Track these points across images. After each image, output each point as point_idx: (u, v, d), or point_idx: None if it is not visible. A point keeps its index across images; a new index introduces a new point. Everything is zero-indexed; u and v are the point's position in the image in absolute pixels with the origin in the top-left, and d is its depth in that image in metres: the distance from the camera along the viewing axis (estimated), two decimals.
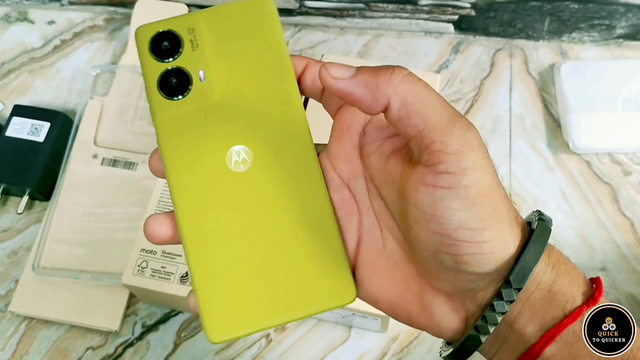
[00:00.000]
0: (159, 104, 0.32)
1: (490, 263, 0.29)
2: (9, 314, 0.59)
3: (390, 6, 0.70)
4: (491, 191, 0.28)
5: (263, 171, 0.32)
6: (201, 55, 0.33)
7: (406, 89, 0.28)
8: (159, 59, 0.33)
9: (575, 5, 0.67)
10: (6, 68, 0.73)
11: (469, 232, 0.28)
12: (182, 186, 0.32)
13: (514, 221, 0.30)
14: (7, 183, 0.63)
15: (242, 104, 0.33)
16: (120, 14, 0.76)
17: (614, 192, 0.65)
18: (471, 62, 0.72)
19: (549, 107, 0.69)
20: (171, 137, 0.32)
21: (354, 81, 0.29)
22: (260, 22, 0.34)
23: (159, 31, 0.33)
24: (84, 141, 0.65)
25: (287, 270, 0.32)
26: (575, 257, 0.61)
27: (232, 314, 0.31)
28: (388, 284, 0.32)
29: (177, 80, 0.33)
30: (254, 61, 0.33)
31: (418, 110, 0.28)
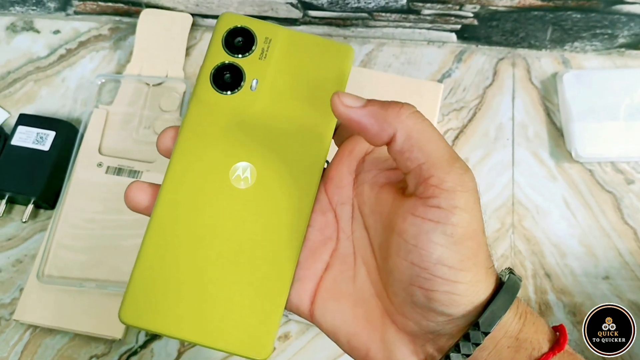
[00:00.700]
0: (203, 88, 0.33)
1: (460, 305, 0.29)
2: (13, 323, 0.60)
3: (394, 16, 0.71)
4: (475, 236, 0.29)
5: (256, 196, 0.32)
6: (264, 66, 0.34)
7: (412, 124, 0.29)
8: (227, 50, 0.34)
9: (577, 15, 0.67)
10: (12, 77, 0.73)
11: (447, 270, 0.29)
12: (179, 171, 0.32)
13: (489, 270, 0.30)
14: (12, 192, 0.64)
15: (274, 126, 0.33)
16: (125, 24, 0.77)
17: (617, 201, 0.65)
18: (474, 71, 0.72)
19: (551, 116, 0.69)
20: (196, 122, 0.33)
21: (364, 111, 0.30)
22: (334, 64, 0.34)
23: (239, 26, 0.34)
24: (88, 150, 0.65)
25: (222, 297, 0.32)
26: (578, 265, 0.62)
27: (151, 308, 0.31)
28: (350, 316, 0.32)
29: (231, 76, 0.33)
30: (307, 94, 0.34)
31: (421, 145, 0.29)
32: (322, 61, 0.34)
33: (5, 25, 0.77)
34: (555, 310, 0.60)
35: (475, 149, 0.68)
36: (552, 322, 0.58)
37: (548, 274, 0.62)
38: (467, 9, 0.68)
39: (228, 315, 0.32)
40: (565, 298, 0.60)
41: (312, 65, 0.34)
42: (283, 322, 0.59)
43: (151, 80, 0.69)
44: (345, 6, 0.70)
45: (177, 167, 0.32)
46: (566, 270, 0.62)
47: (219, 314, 0.32)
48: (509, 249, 0.63)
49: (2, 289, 0.62)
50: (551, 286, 0.61)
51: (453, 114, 0.69)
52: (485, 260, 0.30)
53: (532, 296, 0.61)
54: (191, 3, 0.72)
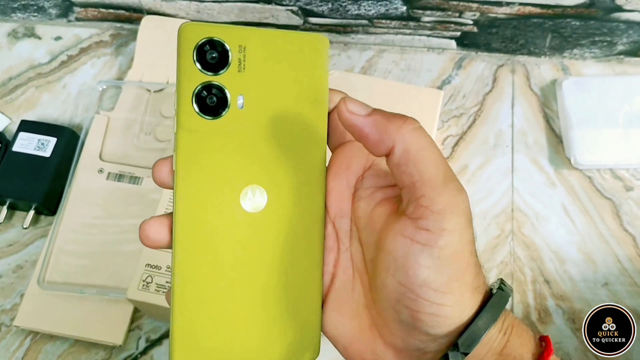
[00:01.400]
0: (188, 116, 0.30)
1: (443, 327, 0.29)
2: (14, 328, 0.60)
3: (394, 22, 0.71)
4: (463, 258, 0.29)
5: (274, 217, 0.32)
6: (245, 79, 0.31)
7: (413, 139, 0.29)
8: (202, 68, 0.31)
9: (576, 22, 0.67)
10: (13, 83, 0.74)
11: (432, 292, 0.29)
12: (188, 208, 0.31)
13: (477, 290, 0.30)
14: (13, 198, 0.64)
15: (272, 142, 0.32)
16: (126, 30, 0.77)
17: (616, 208, 0.65)
18: (473, 78, 0.73)
19: (550, 123, 0.69)
20: (191, 154, 0.31)
21: (368, 119, 0.30)
22: (311, 59, 0.32)
23: (209, 38, 0.30)
24: (89, 156, 0.65)
25: (262, 321, 0.32)
26: (578, 271, 0.62)
27: (201, 348, 0.31)
28: (348, 328, 0.33)
29: (215, 98, 0.31)
30: (293, 97, 0.32)
31: (417, 162, 0.29)
32: (300, 58, 0.32)
33: (7, 32, 0.77)
34: (555, 316, 0.60)
35: (474, 156, 0.68)
36: (552, 330, 0.59)
37: (547, 280, 0.62)
38: (466, 16, 0.69)
39: (272, 335, 0.32)
40: (564, 304, 0.61)
41: (291, 65, 0.32)
42: None
43: (152, 87, 0.69)
44: (346, 13, 0.70)
45: (185, 205, 0.31)
46: (565, 276, 0.62)
47: (267, 333, 0.32)
48: (509, 255, 0.63)
49: (2, 294, 0.62)
50: (550, 292, 0.61)
51: (453, 120, 0.70)
52: (472, 280, 0.30)
53: (531, 303, 0.61)
54: (192, 10, 0.73)
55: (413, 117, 0.30)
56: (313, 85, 0.32)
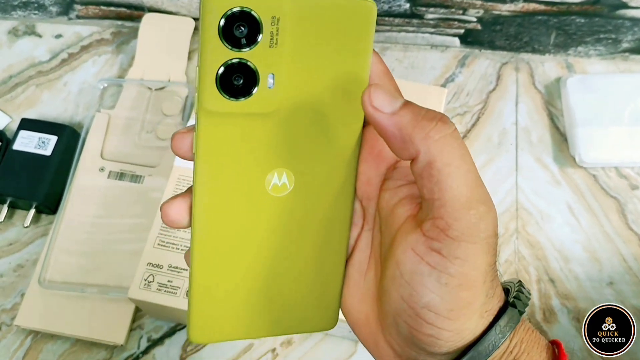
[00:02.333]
0: (210, 97, 0.27)
1: (442, 348, 0.28)
2: (14, 328, 0.59)
3: (397, 20, 0.70)
4: (473, 288, 0.27)
5: (299, 202, 0.30)
6: (277, 56, 0.27)
7: (440, 149, 0.26)
8: (227, 44, 0.27)
9: (581, 20, 0.67)
10: (14, 81, 0.73)
11: (433, 316, 0.27)
12: (209, 191, 0.29)
13: (484, 314, 0.28)
14: (14, 197, 0.63)
15: (302, 125, 0.29)
16: (127, 28, 0.77)
17: (621, 206, 0.64)
18: (477, 76, 0.72)
19: (555, 121, 0.69)
20: (212, 138, 0.28)
21: (392, 119, 0.27)
22: (354, 30, 0.28)
23: (238, 8, 0.26)
24: (90, 154, 0.65)
25: (281, 291, 0.32)
26: (582, 270, 0.61)
27: (217, 322, 0.31)
28: (356, 309, 0.32)
29: (242, 77, 0.27)
30: (331, 75, 0.29)
31: (441, 178, 0.26)
32: (341, 29, 0.28)
33: (7, 30, 0.77)
34: (560, 315, 0.59)
35: (478, 154, 0.67)
36: (557, 329, 0.58)
37: (552, 279, 0.61)
38: (470, 14, 0.68)
39: (292, 303, 0.32)
40: (569, 303, 0.60)
41: (330, 38, 0.28)
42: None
43: (153, 85, 0.69)
44: None
45: (207, 186, 0.29)
46: (570, 275, 0.62)
47: (284, 305, 0.32)
48: (513, 254, 0.62)
49: (3, 294, 0.62)
50: (555, 292, 0.61)
51: (456, 118, 0.69)
52: (479, 306, 0.28)
53: (536, 302, 0.60)
54: (194, 7, 0.72)
55: (447, 118, 0.27)
56: (354, 60, 0.29)
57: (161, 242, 0.55)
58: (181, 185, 0.57)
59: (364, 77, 0.29)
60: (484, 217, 0.26)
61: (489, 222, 0.26)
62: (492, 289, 0.28)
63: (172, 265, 0.54)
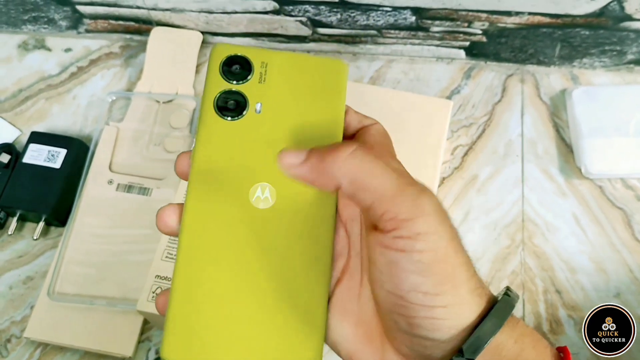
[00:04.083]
0: (209, 117, 0.34)
1: (443, 329, 0.29)
2: (24, 340, 0.60)
3: (402, 33, 0.71)
4: (447, 257, 0.28)
5: (281, 214, 0.33)
6: (265, 90, 0.34)
7: (351, 166, 0.29)
8: (226, 78, 0.34)
9: (586, 32, 0.67)
10: (23, 95, 0.74)
11: (422, 296, 0.28)
12: (198, 198, 0.33)
13: (475, 291, 0.30)
14: (23, 209, 0.64)
15: (285, 144, 0.33)
16: (136, 41, 0.77)
17: (628, 218, 0.64)
18: (483, 88, 0.72)
19: (560, 132, 0.69)
20: (207, 150, 0.33)
21: (304, 167, 0.30)
22: (330, 80, 0.35)
23: (235, 54, 0.35)
24: (99, 167, 0.66)
25: (262, 321, 0.32)
26: (589, 282, 0.61)
27: (192, 342, 0.31)
28: (351, 335, 0.32)
29: (234, 102, 0.34)
30: (310, 111, 0.34)
31: (365, 186, 0.29)
32: (319, 78, 0.35)
33: (17, 44, 0.78)
34: (567, 327, 0.60)
35: (484, 166, 0.68)
36: (564, 341, 0.58)
37: (559, 290, 0.62)
38: (475, 26, 0.69)
39: (272, 337, 0.32)
40: (576, 314, 0.60)
41: (310, 83, 0.35)
42: None
43: (161, 98, 0.70)
44: (355, 23, 0.70)
45: (197, 195, 0.33)
46: (577, 286, 0.62)
47: (263, 337, 0.32)
48: (519, 265, 0.63)
49: (13, 306, 0.62)
50: (562, 302, 0.61)
51: (462, 130, 0.70)
52: (465, 281, 0.29)
53: (542, 313, 0.60)
54: (201, 21, 0.73)
55: (345, 144, 0.30)
56: (330, 102, 0.35)
57: (169, 254, 0.55)
58: None
59: (339, 117, 0.35)
60: (420, 194, 0.29)
61: (426, 197, 0.29)
62: (470, 265, 0.30)
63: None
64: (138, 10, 0.73)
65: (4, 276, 0.64)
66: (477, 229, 0.64)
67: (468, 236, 0.64)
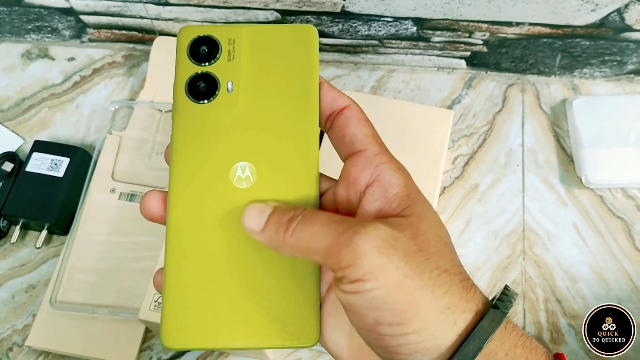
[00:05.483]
0: (182, 103, 0.33)
1: (421, 351, 0.29)
2: (26, 348, 0.60)
3: (404, 43, 0.71)
4: (401, 287, 0.28)
5: (263, 192, 0.33)
6: (235, 67, 0.34)
7: (295, 239, 0.30)
8: (194, 61, 0.34)
9: (586, 42, 0.68)
10: (27, 104, 0.74)
11: (387, 327, 0.28)
12: (181, 184, 0.33)
13: (447, 311, 0.29)
14: (26, 218, 0.64)
15: (261, 122, 0.33)
16: (138, 51, 0.78)
17: (628, 227, 0.65)
18: (483, 97, 0.73)
19: (561, 142, 0.70)
20: (185, 136, 0.33)
21: (263, 235, 0.31)
22: (300, 48, 0.34)
23: (200, 35, 0.34)
24: (102, 176, 0.66)
25: (258, 298, 0.32)
26: (590, 291, 0.62)
27: (192, 326, 0.31)
28: (345, 345, 0.32)
29: (205, 84, 0.34)
30: (284, 83, 0.34)
31: (309, 248, 0.30)
32: (290, 47, 0.34)
33: (21, 53, 0.78)
34: (567, 336, 0.60)
35: (485, 175, 0.68)
36: (564, 350, 0.58)
37: (559, 299, 0.62)
38: (476, 37, 0.69)
39: (268, 313, 0.32)
40: (576, 323, 0.60)
41: (280, 54, 0.34)
42: (294, 350, 0.59)
43: (164, 107, 0.70)
44: (356, 34, 0.71)
45: (179, 181, 0.33)
46: (577, 295, 0.62)
47: (259, 313, 0.32)
48: (520, 275, 0.63)
49: (15, 314, 0.62)
50: (562, 312, 0.61)
51: (463, 139, 0.70)
52: (431, 303, 0.28)
53: (543, 323, 0.60)
54: None
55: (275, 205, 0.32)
56: (303, 72, 0.34)
57: None
58: None
59: (313, 85, 0.34)
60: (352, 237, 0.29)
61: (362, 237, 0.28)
62: (436, 286, 0.29)
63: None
64: (141, 20, 0.73)
65: (6, 284, 0.64)
66: (478, 238, 0.65)
67: (469, 246, 0.64)
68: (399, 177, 0.32)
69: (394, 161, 0.33)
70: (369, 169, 0.32)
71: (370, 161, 0.32)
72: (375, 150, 0.33)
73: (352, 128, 0.33)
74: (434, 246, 0.30)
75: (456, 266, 0.30)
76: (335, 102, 0.34)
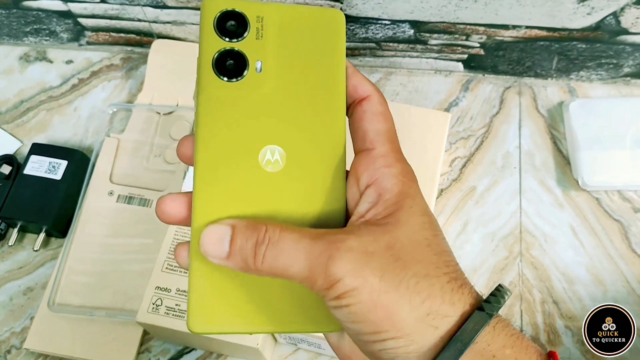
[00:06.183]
0: (208, 80, 0.32)
1: (403, 355, 0.29)
2: (24, 351, 0.60)
3: (401, 45, 0.72)
4: (377, 303, 0.29)
5: (291, 178, 0.32)
6: (263, 46, 0.33)
7: (268, 267, 0.30)
8: (221, 36, 0.32)
9: (582, 45, 0.68)
10: (25, 106, 0.75)
11: (368, 336, 0.29)
12: (207, 169, 0.32)
13: (426, 318, 0.29)
14: (24, 220, 0.64)
15: (290, 106, 0.33)
16: (137, 54, 0.78)
17: (624, 229, 0.65)
18: (481, 100, 0.73)
19: (558, 144, 0.70)
20: (211, 116, 0.32)
21: (230, 263, 0.30)
22: (328, 31, 0.34)
23: (228, 9, 0.33)
24: (100, 178, 0.66)
25: (284, 283, 0.31)
26: (586, 293, 0.62)
27: (218, 311, 0.31)
28: (348, 339, 0.34)
29: (234, 62, 0.32)
30: (311, 65, 0.33)
31: (284, 274, 0.30)
32: (317, 30, 0.33)
33: (19, 56, 0.78)
34: (564, 338, 0.60)
35: (482, 177, 0.68)
36: (561, 351, 0.59)
37: (556, 301, 0.62)
38: (473, 39, 0.69)
39: (294, 298, 0.32)
40: (573, 325, 0.60)
41: (308, 36, 0.33)
42: (292, 351, 0.59)
43: (162, 109, 0.70)
44: (354, 36, 0.71)
45: (205, 163, 0.32)
46: (574, 297, 0.62)
47: (285, 298, 0.32)
48: (517, 277, 0.63)
49: (13, 317, 0.62)
50: (559, 313, 0.61)
51: (460, 142, 0.70)
52: (408, 313, 0.29)
53: (540, 324, 0.61)
54: None
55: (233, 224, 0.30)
56: (330, 56, 0.33)
57: (169, 265, 0.56)
58: None
59: (340, 69, 0.33)
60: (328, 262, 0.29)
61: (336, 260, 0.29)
62: (415, 293, 0.29)
63: (180, 289, 0.55)
64: (139, 23, 0.73)
65: (4, 287, 0.64)
66: (475, 240, 0.65)
67: (466, 247, 0.64)
68: (395, 183, 0.32)
69: (398, 165, 0.32)
70: (371, 170, 0.32)
71: (373, 162, 0.32)
72: (382, 150, 0.32)
73: (365, 123, 0.33)
74: (411, 253, 0.30)
75: (440, 267, 0.30)
76: (356, 91, 0.34)
